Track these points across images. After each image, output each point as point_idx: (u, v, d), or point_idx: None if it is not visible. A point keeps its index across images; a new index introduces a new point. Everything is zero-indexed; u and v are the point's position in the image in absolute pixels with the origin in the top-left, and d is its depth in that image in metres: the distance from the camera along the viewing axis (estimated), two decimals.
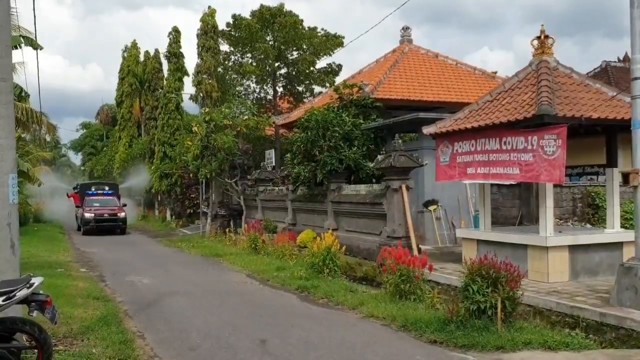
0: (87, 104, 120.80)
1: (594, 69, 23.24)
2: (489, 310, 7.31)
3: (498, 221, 12.84)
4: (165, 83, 33.57)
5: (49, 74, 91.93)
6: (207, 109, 25.95)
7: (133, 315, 8.90)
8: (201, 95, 28.44)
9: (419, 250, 12.20)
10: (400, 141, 13.02)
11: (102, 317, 8.29)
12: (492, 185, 11.83)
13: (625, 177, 7.52)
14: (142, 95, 38.47)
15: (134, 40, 42.19)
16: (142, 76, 38.46)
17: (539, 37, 10.42)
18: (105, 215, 26.42)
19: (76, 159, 71.23)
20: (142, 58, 39.28)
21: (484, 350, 6.71)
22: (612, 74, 21.78)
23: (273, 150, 26.95)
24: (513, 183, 11.09)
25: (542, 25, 10.49)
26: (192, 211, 29.77)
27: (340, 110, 17.17)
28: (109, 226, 26.28)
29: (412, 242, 12.09)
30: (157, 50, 36.33)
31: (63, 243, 22.00)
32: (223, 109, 25.06)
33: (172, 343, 7.28)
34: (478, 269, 7.58)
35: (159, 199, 35.29)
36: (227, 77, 30.87)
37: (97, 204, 27.35)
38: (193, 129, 25.50)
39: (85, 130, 63.46)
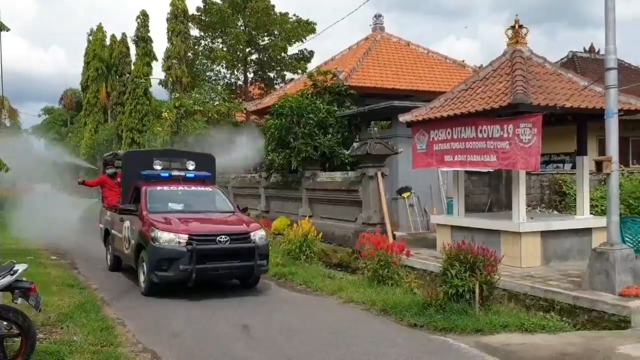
0: (49, 89, 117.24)
1: (561, 59, 23.71)
2: (467, 294, 7.49)
3: (468, 208, 13.07)
4: (133, 68, 33.00)
5: (8, 55, 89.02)
6: (177, 95, 25.69)
7: (111, 303, 8.81)
8: (171, 80, 28.09)
9: (394, 236, 12.36)
10: (375, 129, 13.12)
11: (80, 304, 8.19)
12: (464, 172, 12.04)
13: (599, 165, 7.76)
14: (109, 80, 37.71)
15: (100, 23, 41.12)
16: (108, 60, 37.65)
17: (513, 27, 10.59)
18: (221, 239, 9.13)
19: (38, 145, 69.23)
20: (108, 42, 38.42)
21: (463, 333, 6.88)
22: (578, 64, 22.28)
23: (244, 136, 26.77)
24: (491, 170, 11.31)
25: (517, 15, 10.67)
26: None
27: (315, 97, 17.15)
28: (231, 269, 9.35)
29: (387, 228, 12.24)
30: (124, 34, 35.68)
31: None
32: (193, 95, 24.80)
33: (155, 330, 7.24)
34: (456, 254, 7.75)
35: None
36: (198, 62, 30.50)
37: (180, 206, 10.47)
38: (163, 115, 25.19)
39: (47, 116, 61.82)
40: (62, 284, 9.83)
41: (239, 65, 30.25)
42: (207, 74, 30.84)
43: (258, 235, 9.47)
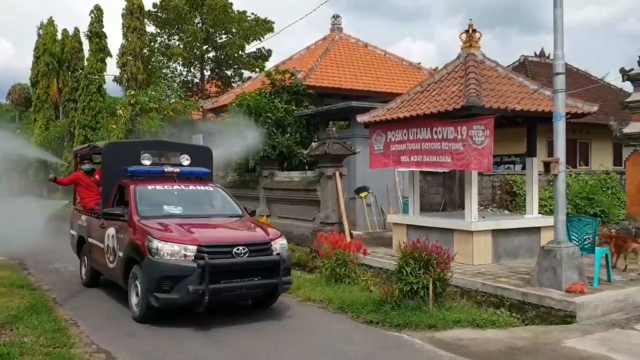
0: None
1: (513, 63, 24.44)
2: (421, 291, 7.68)
3: (423, 207, 13.35)
4: (86, 64, 32.13)
5: None
6: (132, 92, 25.20)
7: (63, 303, 8.62)
8: (126, 77, 27.57)
9: (351, 235, 12.51)
10: (334, 129, 13.24)
11: (30, 305, 7.98)
12: (419, 173, 12.29)
13: (547, 166, 8.07)
14: (61, 75, 36.63)
15: (51, 17, 39.86)
16: (60, 55, 36.56)
17: (467, 31, 10.88)
18: (238, 250, 7.31)
19: None
20: (60, 36, 37.34)
21: (417, 328, 7.06)
22: (529, 68, 23.00)
23: (201, 135, 26.52)
24: (446, 171, 11.57)
25: (470, 19, 10.98)
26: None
27: (273, 96, 17.15)
28: (250, 288, 7.52)
29: (345, 227, 12.37)
30: (76, 29, 34.71)
31: None
32: (149, 92, 24.42)
33: (109, 329, 7.14)
34: (411, 252, 7.92)
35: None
36: (153, 59, 29.99)
37: (177, 209, 8.56)
38: (117, 112, 24.72)
39: None
40: (10, 285, 9.55)
41: (196, 62, 29.91)
42: (163, 71, 30.35)
43: (279, 244, 7.81)
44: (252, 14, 29.69)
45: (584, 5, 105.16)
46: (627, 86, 14.02)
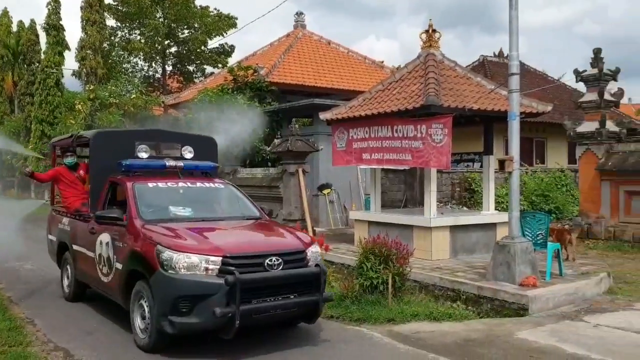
0: None
1: (473, 63, 24.94)
2: (380, 286, 7.83)
3: (385, 204, 13.57)
4: (43, 57, 31.27)
5: None
6: (91, 86, 24.72)
7: (19, 302, 8.45)
8: (85, 71, 27.01)
9: (314, 232, 12.61)
10: (297, 126, 13.31)
11: None
12: (381, 170, 12.48)
13: (502, 164, 8.32)
14: (16, 68, 35.60)
15: (5, 8, 38.68)
16: (15, 48, 35.53)
17: (427, 31, 11.09)
18: (271, 261, 5.95)
19: None
20: (15, 28, 36.26)
21: (376, 323, 7.20)
22: (488, 68, 23.51)
23: None
24: (406, 168, 11.77)
25: (430, 20, 11.26)
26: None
27: (235, 93, 17.12)
28: (287, 308, 6.05)
29: (307, 224, 12.47)
30: (32, 21, 33.76)
31: None
32: (109, 87, 24.01)
33: (67, 328, 7.05)
34: (371, 248, 8.07)
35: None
36: (114, 53, 29.48)
37: (186, 211, 7.25)
38: (76, 107, 24.19)
39: None
40: None
41: (157, 57, 29.60)
42: (124, 65, 29.91)
43: (313, 252, 6.49)
44: (215, 9, 29.61)
45: (544, 6, 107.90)
46: (582, 87, 14.52)
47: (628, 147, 13.40)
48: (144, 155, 7.75)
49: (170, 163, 7.82)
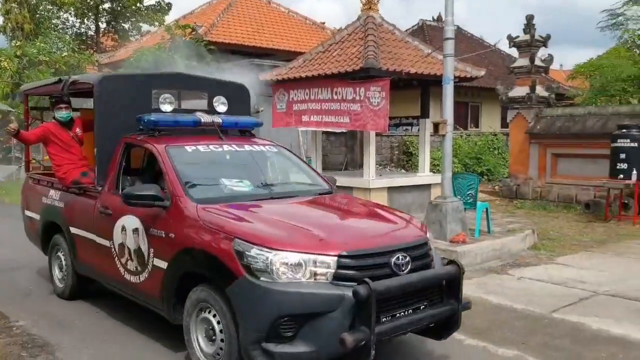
0: None
1: (413, 27, 25.20)
2: None
3: (327, 167, 13.77)
4: None
5: None
6: (18, 43, 23.39)
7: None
8: (10, 26, 25.42)
9: None
10: None
11: None
12: (322, 133, 12.61)
13: (436, 127, 8.61)
14: None
15: None
16: None
17: None
18: (398, 261, 4.12)
19: None
20: None
21: None
22: (427, 32, 23.84)
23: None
24: (344, 131, 11.94)
25: None
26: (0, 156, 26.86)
27: (172, 52, 16.67)
28: (422, 322, 4.23)
29: None
30: None
31: None
32: (38, 44, 22.79)
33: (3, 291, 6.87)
34: None
35: None
36: (42, 8, 27.85)
37: (245, 185, 5.19)
38: (1, 64, 22.88)
39: None
40: None
41: (90, 14, 28.22)
42: (54, 21, 28.32)
43: (432, 245, 4.80)
44: None
45: None
46: (515, 52, 15.01)
47: (556, 112, 14.07)
48: (167, 107, 5.69)
49: (205, 118, 5.78)
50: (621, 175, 11.31)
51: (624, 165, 11.30)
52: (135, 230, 5.00)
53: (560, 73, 32.00)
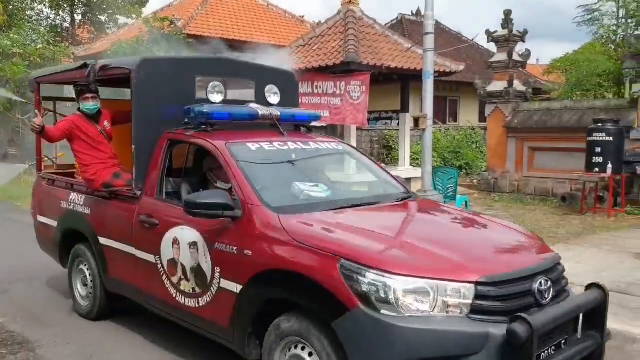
0: None
1: (392, 21, 25.27)
2: None
3: None
4: None
5: None
6: None
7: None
8: None
9: None
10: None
11: None
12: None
13: (416, 121, 8.67)
14: None
15: None
16: None
17: None
18: (541, 287, 3.35)
19: None
20: None
21: None
22: (406, 27, 23.92)
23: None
24: (324, 125, 11.94)
25: None
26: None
27: (151, 45, 16.49)
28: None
29: None
30: None
31: None
32: (11, 35, 22.33)
33: None
34: None
35: None
36: None
37: (320, 190, 4.20)
38: None
39: None
40: None
41: (65, 5, 27.70)
42: (27, 13, 27.77)
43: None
44: None
45: None
46: (493, 47, 15.14)
47: (533, 106, 14.24)
48: (217, 97, 4.83)
49: (263, 111, 4.89)
50: (597, 169, 11.50)
51: (600, 159, 11.47)
52: (193, 245, 4.10)
53: (537, 67, 32.38)
